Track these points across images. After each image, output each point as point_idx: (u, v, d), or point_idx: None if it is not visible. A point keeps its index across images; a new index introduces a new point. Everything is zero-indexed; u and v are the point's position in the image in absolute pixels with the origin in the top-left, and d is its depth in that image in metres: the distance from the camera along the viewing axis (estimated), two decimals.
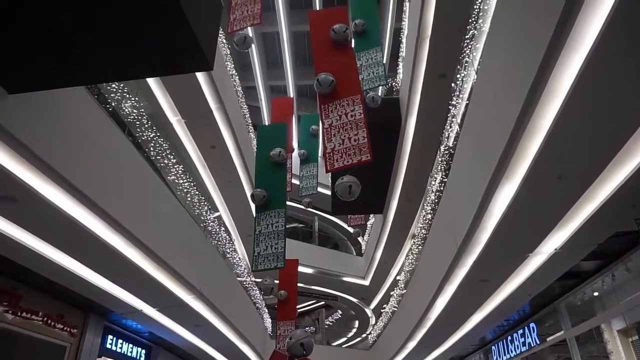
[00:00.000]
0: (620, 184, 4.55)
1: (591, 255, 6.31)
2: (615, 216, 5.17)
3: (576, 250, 6.02)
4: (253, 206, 5.55)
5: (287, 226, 5.30)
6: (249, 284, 12.72)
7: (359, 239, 20.77)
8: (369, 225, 18.92)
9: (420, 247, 10.28)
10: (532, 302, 8.43)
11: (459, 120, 7.19)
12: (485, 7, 6.13)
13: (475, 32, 6.42)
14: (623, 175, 4.49)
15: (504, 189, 4.90)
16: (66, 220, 4.71)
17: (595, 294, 7.59)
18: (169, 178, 8.23)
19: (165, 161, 8.11)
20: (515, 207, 4.96)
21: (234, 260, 11.54)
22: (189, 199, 8.73)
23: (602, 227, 5.45)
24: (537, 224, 5.35)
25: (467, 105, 6.59)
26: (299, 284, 9.12)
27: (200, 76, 9.00)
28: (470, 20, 6.53)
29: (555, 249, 5.93)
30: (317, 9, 16.61)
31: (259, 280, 12.28)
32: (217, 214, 13.03)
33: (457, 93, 7.22)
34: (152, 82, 9.01)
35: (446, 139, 7.75)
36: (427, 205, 9.23)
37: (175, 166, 8.42)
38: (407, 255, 12.95)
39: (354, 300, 21.16)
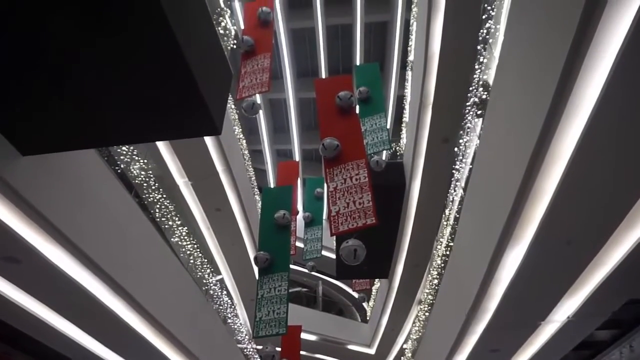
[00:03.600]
0: (632, 247, 4.45)
1: (606, 324, 6.06)
2: (629, 282, 5.02)
3: (590, 318, 5.80)
4: (256, 269, 5.46)
5: (290, 290, 5.17)
6: (250, 351, 12.19)
7: (364, 304, 20.13)
8: (374, 291, 18.42)
9: (427, 314, 9.94)
10: None
11: (463, 184, 7.23)
12: (485, 77, 6.37)
13: (476, 99, 6.62)
14: (634, 239, 4.40)
15: (511, 254, 4.81)
16: (68, 283, 4.63)
17: None
18: (172, 240, 8.18)
19: (170, 223, 8.10)
20: (524, 272, 4.85)
21: (235, 326, 11.15)
22: (191, 261, 8.62)
23: (616, 293, 5.28)
24: (548, 290, 5.20)
25: (470, 169, 6.66)
26: (301, 352, 8.74)
27: (208, 139, 9.21)
28: (471, 88, 6.76)
29: (568, 317, 5.71)
30: (323, 77, 17.30)
31: (260, 347, 11.77)
32: (219, 277, 12.79)
33: (461, 157, 7.32)
34: (161, 144, 9.22)
35: (451, 203, 7.75)
36: (433, 270, 9.04)
37: (180, 228, 8.40)
38: (414, 322, 12.49)
39: None
